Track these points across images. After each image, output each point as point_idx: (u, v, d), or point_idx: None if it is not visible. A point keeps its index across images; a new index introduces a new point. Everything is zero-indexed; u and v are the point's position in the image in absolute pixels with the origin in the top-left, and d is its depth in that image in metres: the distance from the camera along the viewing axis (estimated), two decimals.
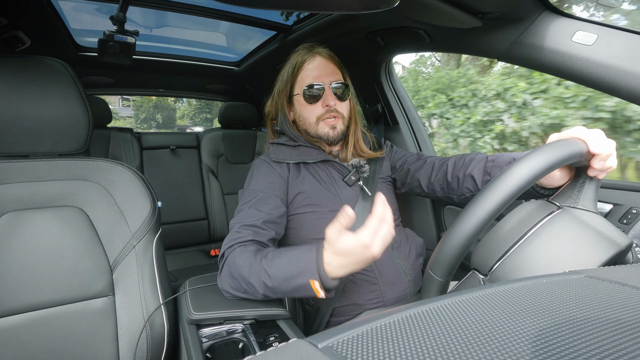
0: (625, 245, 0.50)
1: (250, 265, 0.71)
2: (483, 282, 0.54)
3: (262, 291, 0.71)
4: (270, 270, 0.69)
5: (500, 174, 0.48)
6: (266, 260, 0.71)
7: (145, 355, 0.81)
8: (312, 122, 0.94)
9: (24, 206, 0.77)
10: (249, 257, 0.73)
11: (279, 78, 0.99)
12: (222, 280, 0.77)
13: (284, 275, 0.68)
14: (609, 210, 0.88)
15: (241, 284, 0.73)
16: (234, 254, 0.76)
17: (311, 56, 0.94)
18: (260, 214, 0.83)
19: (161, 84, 2.31)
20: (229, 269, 0.75)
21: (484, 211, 0.47)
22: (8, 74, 0.74)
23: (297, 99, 0.95)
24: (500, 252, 0.54)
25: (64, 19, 1.42)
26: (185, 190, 2.01)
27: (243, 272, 0.72)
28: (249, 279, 0.71)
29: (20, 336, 0.73)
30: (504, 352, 0.21)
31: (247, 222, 0.81)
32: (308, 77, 0.93)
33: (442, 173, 0.92)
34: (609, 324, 0.24)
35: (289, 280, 0.67)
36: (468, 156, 0.89)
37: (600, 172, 0.57)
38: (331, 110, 0.92)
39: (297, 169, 0.94)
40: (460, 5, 0.82)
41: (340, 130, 0.94)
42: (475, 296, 0.30)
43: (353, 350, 0.22)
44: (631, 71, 0.69)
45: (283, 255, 0.70)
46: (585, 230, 0.51)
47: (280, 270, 0.69)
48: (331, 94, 0.92)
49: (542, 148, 0.50)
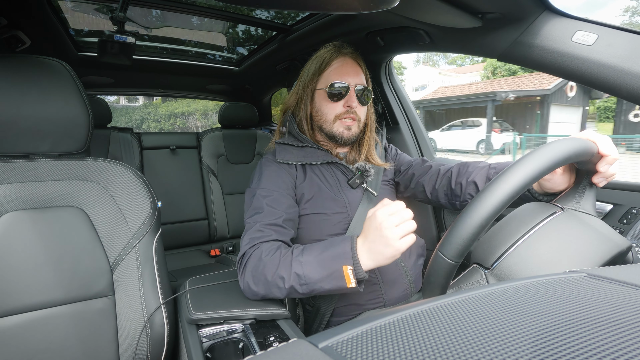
0: (626, 247, 0.52)
1: (280, 258, 0.71)
2: (485, 275, 0.54)
3: (290, 283, 0.69)
4: (303, 257, 0.70)
5: (521, 159, 0.49)
6: (298, 251, 0.72)
7: (145, 355, 0.81)
8: (329, 119, 0.94)
9: (24, 206, 0.77)
10: (277, 252, 0.73)
11: (304, 71, 0.99)
12: (245, 279, 0.76)
13: (317, 261, 0.68)
14: (609, 210, 0.88)
15: (267, 280, 0.72)
16: (259, 251, 0.75)
17: (340, 55, 0.94)
18: (280, 213, 0.83)
19: (161, 84, 2.31)
20: (253, 266, 0.74)
21: (504, 192, 0.47)
22: (8, 74, 0.74)
23: (320, 93, 0.95)
24: (505, 246, 0.55)
25: (64, 19, 1.42)
26: (185, 190, 2.01)
27: (271, 267, 0.71)
28: (279, 271, 0.70)
29: (20, 336, 0.73)
30: (504, 352, 0.21)
31: (268, 221, 0.80)
32: (335, 74, 0.93)
33: (446, 179, 0.92)
34: (609, 323, 0.24)
35: (321, 266, 0.68)
36: (471, 164, 0.90)
37: (603, 179, 0.59)
38: (351, 111, 0.92)
39: (303, 170, 0.94)
40: (460, 5, 0.82)
41: (354, 132, 0.94)
42: (475, 296, 0.30)
43: (353, 350, 0.22)
44: (631, 71, 0.69)
45: (317, 245, 0.72)
46: (588, 230, 0.53)
47: (313, 256, 0.69)
48: (354, 96, 0.92)
49: (560, 140, 0.52)
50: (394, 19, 1.04)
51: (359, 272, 0.66)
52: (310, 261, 0.69)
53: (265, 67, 1.92)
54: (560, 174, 0.66)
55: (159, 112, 15.19)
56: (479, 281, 0.54)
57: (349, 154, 1.01)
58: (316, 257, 0.69)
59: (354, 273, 0.66)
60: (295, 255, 0.71)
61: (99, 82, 2.06)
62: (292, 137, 0.98)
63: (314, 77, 0.95)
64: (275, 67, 1.85)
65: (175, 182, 2.00)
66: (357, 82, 0.93)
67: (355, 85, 0.92)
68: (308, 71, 0.97)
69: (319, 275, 0.68)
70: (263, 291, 0.74)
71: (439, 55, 37.61)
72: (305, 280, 0.69)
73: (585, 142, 0.54)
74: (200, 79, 2.27)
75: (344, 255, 0.67)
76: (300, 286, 0.69)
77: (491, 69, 20.43)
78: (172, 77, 2.19)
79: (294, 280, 0.69)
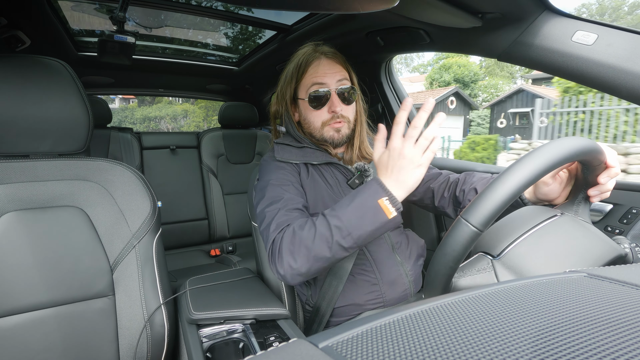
0: (624, 253, 0.56)
1: (314, 224, 0.71)
2: (492, 263, 0.55)
3: (334, 239, 0.68)
4: (337, 211, 0.69)
5: (551, 142, 0.51)
6: (328, 211, 0.72)
7: (146, 355, 0.81)
8: (317, 126, 0.93)
9: (24, 206, 0.77)
10: (309, 222, 0.72)
11: (282, 78, 0.97)
12: (284, 262, 0.71)
13: (352, 208, 0.68)
14: (609, 210, 0.88)
15: (308, 250, 0.70)
16: (290, 229, 0.73)
17: (315, 57, 0.91)
18: (299, 199, 0.83)
19: (161, 84, 2.31)
20: (288, 244, 0.72)
21: (536, 167, 0.48)
22: (8, 74, 0.74)
23: (302, 103, 0.93)
24: (512, 237, 0.56)
25: (64, 19, 1.42)
26: (185, 190, 2.01)
27: (308, 235, 0.70)
28: (318, 234, 0.69)
29: (20, 336, 0.73)
30: (504, 352, 0.21)
31: (291, 206, 0.80)
32: (313, 80, 0.90)
33: (453, 187, 0.93)
34: (609, 323, 0.24)
35: (358, 209, 0.67)
36: (477, 173, 0.91)
37: (598, 193, 0.62)
38: (337, 116, 0.90)
39: (306, 168, 0.94)
40: (460, 5, 0.82)
41: (345, 133, 0.93)
42: (475, 296, 0.30)
43: (353, 350, 0.22)
44: (631, 71, 0.69)
45: (345, 198, 0.72)
46: (591, 233, 0.57)
47: (346, 205, 0.69)
48: (337, 99, 0.90)
49: (582, 138, 0.54)
50: (394, 19, 1.04)
51: (395, 202, 0.67)
52: (344, 212, 0.68)
53: (265, 67, 1.92)
54: (559, 182, 0.68)
55: (134, 116, 16.62)
56: (485, 268, 0.55)
57: (345, 153, 1.00)
58: (349, 206, 0.69)
59: (391, 203, 0.66)
60: (327, 213, 0.71)
61: (99, 82, 2.06)
62: (290, 137, 0.98)
63: (292, 84, 0.93)
64: (275, 67, 1.85)
65: (175, 182, 2.00)
66: (337, 82, 0.90)
67: (337, 86, 0.90)
68: (285, 77, 0.95)
69: (359, 219, 0.67)
70: (307, 264, 0.70)
71: (401, 63, 38.15)
72: (347, 229, 0.68)
73: (598, 146, 0.56)
74: (200, 78, 2.27)
75: (375, 192, 0.67)
76: (344, 238, 0.68)
77: (429, 80, 21.72)
78: (172, 77, 2.19)
79: (336, 234, 0.68)
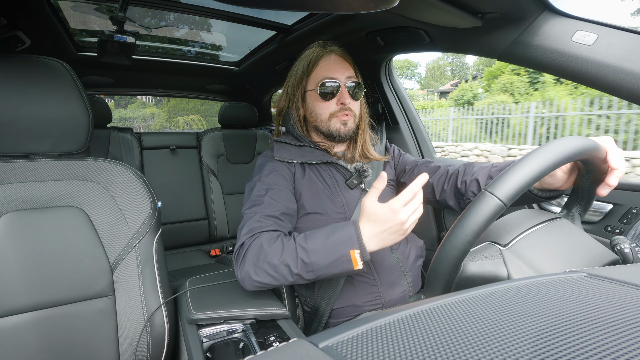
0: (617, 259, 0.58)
1: (283, 246, 0.71)
2: (501, 251, 0.57)
3: (297, 270, 0.69)
4: (308, 245, 0.70)
5: (576, 137, 0.54)
6: (300, 238, 0.72)
7: (146, 355, 0.81)
8: (324, 118, 0.93)
9: (24, 206, 0.77)
10: (279, 240, 0.73)
11: (292, 73, 0.98)
12: (245, 269, 0.73)
13: (323, 249, 0.69)
14: (609, 210, 0.88)
15: (270, 268, 0.71)
16: (259, 240, 0.74)
17: (326, 53, 0.94)
18: (279, 206, 0.83)
19: (161, 84, 2.31)
20: (253, 255, 0.73)
21: (555, 154, 0.50)
22: (8, 74, 0.74)
23: (311, 94, 0.94)
24: (521, 229, 0.58)
25: (64, 19, 1.42)
26: (185, 190, 2.01)
27: (274, 255, 0.71)
28: (284, 259, 0.70)
29: (20, 336, 0.73)
30: (504, 352, 0.21)
31: (267, 212, 0.80)
32: (323, 73, 0.92)
33: (453, 179, 0.92)
34: (609, 323, 0.24)
35: (328, 253, 0.68)
36: (477, 163, 0.90)
37: (607, 188, 0.61)
38: (345, 108, 0.92)
39: (302, 169, 0.94)
40: (460, 5, 0.82)
41: (350, 127, 0.94)
42: (475, 296, 0.30)
43: (353, 350, 0.22)
44: (631, 71, 0.69)
45: (319, 232, 0.72)
46: (590, 237, 0.60)
47: (318, 244, 0.69)
48: (346, 92, 0.92)
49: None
50: (394, 19, 1.04)
51: (365, 255, 0.68)
52: (316, 248, 0.69)
53: (265, 67, 1.92)
54: (564, 171, 0.68)
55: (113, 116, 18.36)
56: (494, 255, 0.56)
57: (346, 151, 1.00)
58: (322, 244, 0.70)
59: (360, 256, 0.68)
60: (299, 242, 0.71)
61: (99, 82, 2.06)
62: (291, 136, 0.98)
63: (303, 78, 0.95)
64: (275, 67, 1.85)
65: (175, 182, 2.00)
66: (347, 78, 0.92)
67: (346, 81, 0.92)
68: (296, 73, 0.96)
69: (327, 262, 0.69)
70: (265, 280, 0.72)
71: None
72: (312, 267, 0.69)
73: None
74: (200, 78, 2.27)
75: (350, 240, 0.68)
76: (307, 273, 0.70)
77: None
78: (172, 77, 2.19)
79: (301, 268, 0.69)
